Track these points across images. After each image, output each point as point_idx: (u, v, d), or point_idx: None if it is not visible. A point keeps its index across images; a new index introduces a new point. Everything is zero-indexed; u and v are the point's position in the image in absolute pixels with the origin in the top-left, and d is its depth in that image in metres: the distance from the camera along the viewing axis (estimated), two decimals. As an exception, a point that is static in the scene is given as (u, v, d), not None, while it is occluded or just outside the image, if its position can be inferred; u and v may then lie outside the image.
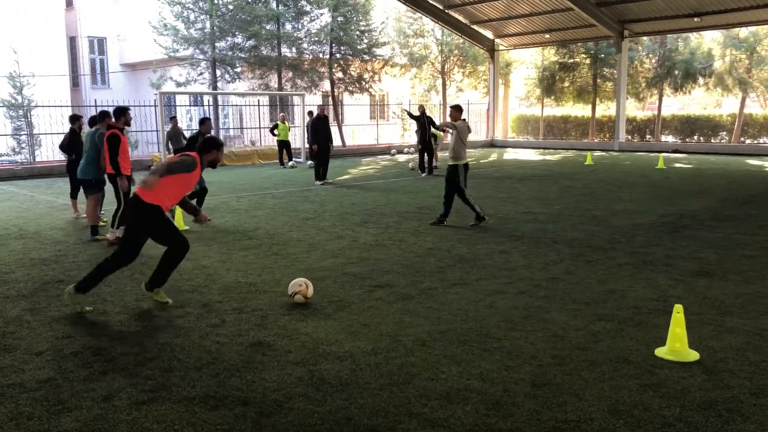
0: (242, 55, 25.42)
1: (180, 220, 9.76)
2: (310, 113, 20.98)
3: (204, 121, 10.12)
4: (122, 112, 8.58)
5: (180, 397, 3.93)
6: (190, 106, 29.39)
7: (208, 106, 27.74)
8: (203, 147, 5.80)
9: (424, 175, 17.46)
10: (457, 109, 9.88)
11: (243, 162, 22.72)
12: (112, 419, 3.65)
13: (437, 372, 4.24)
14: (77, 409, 3.78)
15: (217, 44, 24.90)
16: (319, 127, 16.21)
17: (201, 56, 25.10)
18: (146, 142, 25.72)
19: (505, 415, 3.64)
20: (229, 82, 25.92)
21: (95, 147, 8.94)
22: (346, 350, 4.64)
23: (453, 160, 9.68)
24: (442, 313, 5.49)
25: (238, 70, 25.63)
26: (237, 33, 25.12)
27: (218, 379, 4.17)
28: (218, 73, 25.24)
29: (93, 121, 9.61)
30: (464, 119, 9.87)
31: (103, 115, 9.06)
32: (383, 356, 4.52)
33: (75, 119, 10.49)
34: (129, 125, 8.69)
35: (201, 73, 25.32)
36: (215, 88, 25.33)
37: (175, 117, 18.00)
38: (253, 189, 14.96)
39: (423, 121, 17.30)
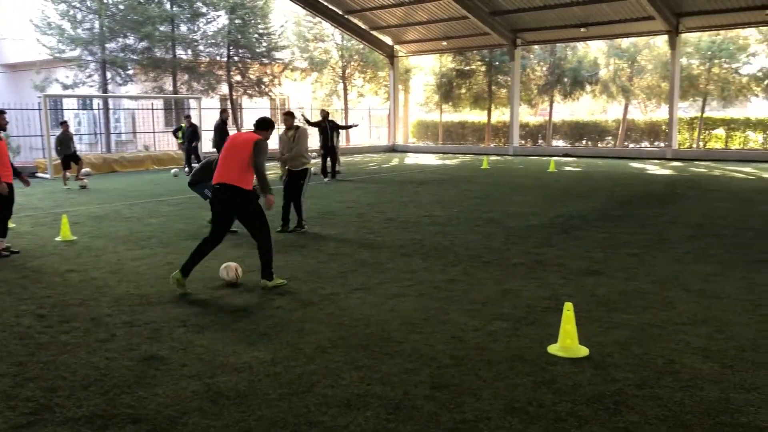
0: (134, 57, 24.38)
1: (66, 231, 9.21)
2: (188, 117, 20.40)
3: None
4: None
5: (65, 418, 3.69)
6: (78, 109, 27.86)
7: (98, 109, 26.45)
8: (260, 126, 6.53)
9: (327, 180, 17.39)
10: (289, 115, 10.14)
11: (136, 168, 21.83)
12: (-14, 447, 3.38)
13: (338, 379, 4.21)
14: (-54, 438, 3.48)
15: (107, 45, 23.77)
16: (224, 132, 15.91)
17: (90, 57, 23.87)
18: (30, 147, 24.23)
19: (405, 419, 3.65)
20: (120, 84, 24.79)
21: None
22: (244, 361, 4.52)
23: (302, 165, 9.68)
24: (344, 318, 5.46)
25: (131, 72, 24.58)
26: (128, 34, 24.07)
27: (107, 397, 3.95)
28: (109, 75, 24.08)
29: None
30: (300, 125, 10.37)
31: None
32: (283, 365, 4.43)
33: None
34: (5, 129, 8.09)
35: (90, 75, 24.08)
36: (105, 91, 24.17)
37: (65, 122, 17.13)
38: (146, 196, 14.38)
39: (324, 126, 17.26)
